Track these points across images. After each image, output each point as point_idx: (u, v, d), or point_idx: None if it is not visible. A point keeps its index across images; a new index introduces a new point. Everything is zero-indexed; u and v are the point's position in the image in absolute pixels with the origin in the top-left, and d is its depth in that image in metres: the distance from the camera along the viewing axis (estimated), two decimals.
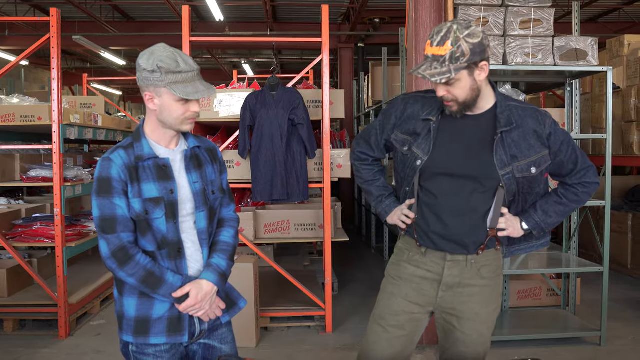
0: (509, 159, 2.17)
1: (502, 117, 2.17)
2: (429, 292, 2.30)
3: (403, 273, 2.35)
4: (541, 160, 2.21)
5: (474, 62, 2.04)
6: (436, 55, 2.03)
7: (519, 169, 2.18)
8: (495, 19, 4.25)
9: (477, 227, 2.22)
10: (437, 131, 2.22)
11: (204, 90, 2.01)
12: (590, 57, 4.31)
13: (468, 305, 2.27)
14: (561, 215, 2.32)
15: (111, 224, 2.01)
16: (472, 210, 2.21)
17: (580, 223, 4.96)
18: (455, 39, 2.01)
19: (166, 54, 1.97)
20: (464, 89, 2.08)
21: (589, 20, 12.50)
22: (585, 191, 2.31)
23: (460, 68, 2.02)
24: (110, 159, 2.03)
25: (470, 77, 2.07)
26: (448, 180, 2.21)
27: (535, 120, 2.20)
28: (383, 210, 2.47)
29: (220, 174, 2.27)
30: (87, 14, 11.17)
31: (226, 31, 12.24)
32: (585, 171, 2.29)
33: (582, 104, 6.67)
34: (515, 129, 2.17)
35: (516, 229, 2.28)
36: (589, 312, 5.14)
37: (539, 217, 2.29)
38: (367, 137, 2.50)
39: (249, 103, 4.66)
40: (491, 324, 2.33)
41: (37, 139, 6.37)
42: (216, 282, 2.10)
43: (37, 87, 16.79)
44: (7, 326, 4.89)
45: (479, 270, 2.26)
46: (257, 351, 4.44)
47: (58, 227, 4.65)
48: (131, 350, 2.13)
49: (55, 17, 4.54)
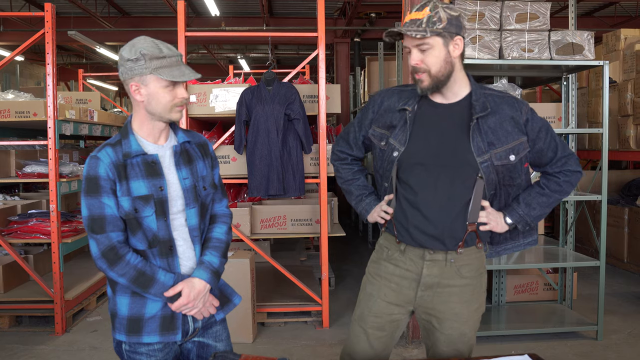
0: (486, 146, 2.13)
1: (478, 104, 2.14)
2: (408, 291, 2.25)
3: (382, 271, 2.31)
4: (519, 147, 2.17)
5: (449, 32, 2.06)
6: (414, 19, 2.06)
7: (497, 157, 2.13)
8: (492, 13, 4.24)
9: (456, 221, 2.16)
10: (413, 121, 2.19)
11: (189, 73, 1.98)
12: (587, 51, 4.30)
13: (448, 305, 2.23)
14: (545, 207, 2.26)
15: (100, 223, 1.98)
16: (450, 202, 2.15)
17: (576, 217, 4.96)
18: (434, 6, 2.06)
19: (147, 43, 1.96)
20: (438, 58, 2.08)
21: (585, 14, 12.50)
22: (567, 180, 2.26)
23: (435, 32, 2.04)
24: (97, 157, 1.99)
25: (444, 47, 2.08)
26: (425, 171, 2.16)
27: (512, 107, 2.17)
28: (363, 209, 2.44)
29: (212, 169, 2.23)
30: (82, 9, 11.12)
31: (222, 26, 12.20)
32: (566, 159, 2.25)
33: (579, 98, 6.67)
34: (491, 115, 2.14)
35: (499, 224, 2.24)
36: (586, 307, 5.15)
37: (522, 209, 2.24)
38: (345, 136, 2.48)
39: (245, 98, 4.64)
40: (474, 323, 2.29)
41: (33, 134, 6.35)
42: (208, 280, 2.08)
43: (33, 83, 16.72)
44: (3, 322, 4.88)
45: (458, 270, 2.21)
46: (253, 347, 4.44)
47: (54, 223, 4.63)
48: (124, 349, 2.10)
49: (50, 12, 4.51)
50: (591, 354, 4.26)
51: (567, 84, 4.91)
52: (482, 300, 2.31)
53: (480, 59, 4.23)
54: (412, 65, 2.11)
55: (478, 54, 4.23)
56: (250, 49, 17.28)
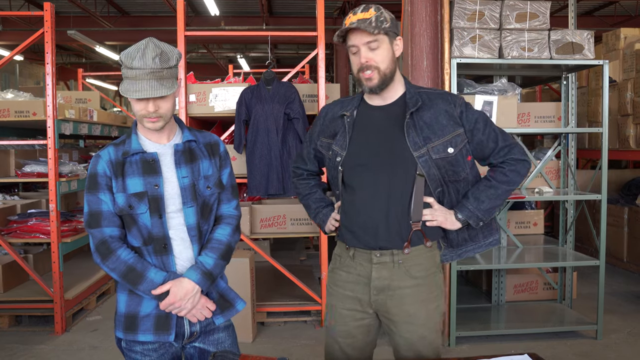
0: (422, 141, 2.13)
1: (411, 101, 2.18)
2: (363, 296, 2.22)
3: (337, 280, 2.29)
4: (457, 139, 2.16)
5: (393, 31, 2.12)
6: (362, 19, 2.07)
7: (434, 150, 2.13)
8: (491, 12, 4.24)
9: (399, 220, 2.14)
10: (353, 125, 2.21)
11: (142, 91, 1.92)
12: (586, 51, 4.30)
13: (402, 308, 2.18)
14: (494, 199, 2.22)
15: (96, 218, 2.03)
16: (391, 200, 2.14)
17: (576, 217, 4.97)
18: (378, 8, 2.11)
19: (134, 48, 1.95)
20: (386, 57, 2.12)
21: (585, 13, 12.50)
22: (513, 169, 2.22)
23: (384, 30, 2.08)
24: (99, 155, 2.07)
25: (390, 46, 2.13)
26: (367, 172, 2.16)
27: (445, 101, 2.19)
28: (320, 220, 2.43)
29: (221, 169, 2.21)
30: (81, 8, 11.12)
31: (222, 25, 12.20)
32: (509, 148, 2.22)
33: (578, 97, 6.67)
34: (425, 109, 2.16)
35: (448, 219, 2.20)
36: (585, 306, 5.15)
37: (472, 204, 2.21)
38: (301, 152, 2.50)
39: (245, 97, 4.64)
40: (433, 325, 2.23)
41: (32, 134, 6.35)
42: (198, 281, 2.04)
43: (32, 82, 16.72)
44: (3, 322, 4.88)
45: (408, 270, 2.17)
46: (253, 346, 4.44)
47: (53, 222, 4.63)
48: (122, 346, 2.13)
49: (49, 11, 4.51)
50: (591, 354, 4.26)
51: (566, 84, 4.91)
52: (439, 300, 2.26)
53: (479, 58, 4.23)
54: (362, 63, 2.11)
55: (478, 53, 4.23)
56: (250, 48, 17.28)
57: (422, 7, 4.39)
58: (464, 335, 4.43)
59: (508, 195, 2.26)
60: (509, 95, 4.44)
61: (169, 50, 1.98)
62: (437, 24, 4.38)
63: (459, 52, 4.22)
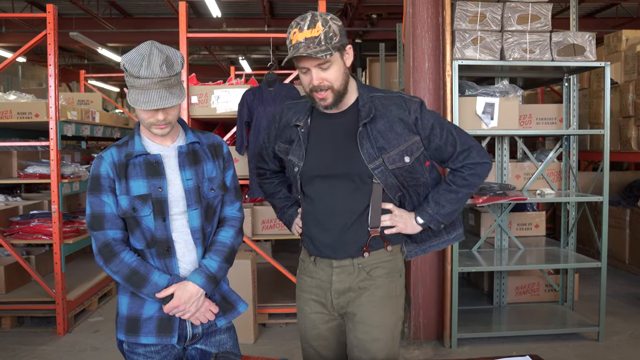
0: (377, 152, 2.08)
1: (364, 109, 2.09)
2: (326, 299, 2.22)
3: (303, 286, 2.30)
4: (413, 147, 2.11)
5: (342, 43, 2.01)
6: (310, 37, 1.94)
7: (389, 160, 2.08)
8: (493, 14, 4.25)
9: (356, 228, 2.13)
10: (307, 135, 2.17)
11: (153, 102, 1.89)
12: (588, 53, 4.31)
13: (359, 307, 2.17)
14: (455, 203, 2.19)
15: (99, 220, 2.01)
16: (348, 211, 2.12)
17: (578, 218, 4.96)
18: (324, 21, 1.97)
19: (138, 55, 1.89)
20: (339, 72, 2.02)
21: (586, 15, 12.50)
22: (473, 173, 2.18)
23: (335, 47, 1.96)
24: (101, 156, 2.05)
25: (341, 60, 2.03)
26: (323, 183, 2.15)
27: (399, 107, 2.11)
28: (286, 221, 2.44)
29: (224, 171, 2.20)
30: (84, 10, 11.15)
31: (223, 27, 12.21)
32: (467, 152, 2.17)
33: (580, 99, 6.67)
34: (378, 118, 2.09)
35: (409, 225, 2.19)
36: (587, 308, 5.14)
37: (432, 208, 2.18)
38: (260, 152, 2.46)
39: (247, 99, 4.64)
40: (389, 329, 2.20)
41: (35, 135, 6.36)
42: (202, 285, 2.04)
43: (35, 84, 16.75)
44: (5, 323, 4.89)
45: (368, 273, 2.16)
46: (255, 347, 4.45)
47: (55, 223, 4.64)
48: (124, 348, 2.12)
49: (52, 13, 4.52)
50: (593, 355, 4.26)
51: (568, 85, 4.91)
52: (397, 304, 2.23)
53: (481, 60, 4.23)
54: (314, 85, 2.02)
55: (479, 55, 4.23)
56: (252, 50, 17.28)
57: (424, 9, 4.40)
58: (465, 337, 4.43)
59: (468, 198, 2.24)
60: (510, 97, 4.44)
61: (173, 54, 1.94)
62: (439, 26, 4.39)
63: (461, 54, 4.23)
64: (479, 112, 4.35)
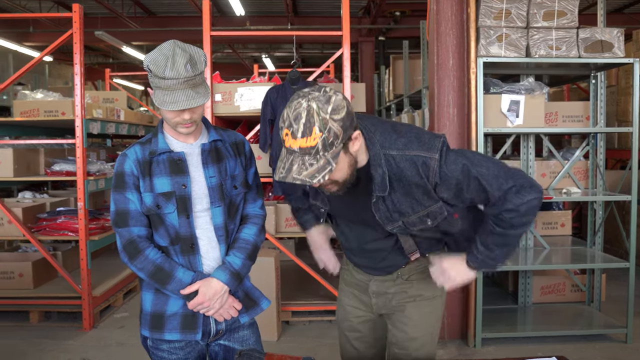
0: (396, 216, 1.93)
1: (377, 177, 1.86)
2: (364, 298, 2.24)
3: (345, 278, 2.33)
4: (436, 212, 1.93)
5: (347, 137, 1.73)
6: (305, 148, 1.66)
7: (410, 223, 1.95)
8: (518, 11, 4.20)
9: (393, 257, 2.12)
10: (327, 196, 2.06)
11: (180, 102, 1.89)
12: (616, 49, 4.23)
13: (398, 308, 2.19)
14: (504, 246, 1.94)
15: (124, 217, 2.03)
16: (379, 249, 2.11)
17: (605, 218, 4.89)
18: (323, 123, 1.65)
19: (161, 56, 1.88)
20: (343, 170, 1.78)
21: (614, 11, 12.28)
22: (518, 214, 1.85)
23: (337, 153, 1.71)
24: (125, 154, 2.06)
25: (346, 155, 1.76)
26: (350, 226, 2.14)
27: (417, 172, 1.84)
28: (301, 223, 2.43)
29: (246, 168, 2.21)
30: (109, 9, 11.27)
31: (247, 25, 12.25)
32: (504, 196, 1.84)
33: (607, 96, 6.55)
34: (393, 190, 1.89)
35: (461, 274, 1.99)
36: (614, 309, 5.06)
37: (481, 254, 1.95)
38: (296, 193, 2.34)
39: (270, 97, 4.65)
40: (426, 327, 2.19)
41: (61, 133, 6.45)
42: (226, 281, 2.06)
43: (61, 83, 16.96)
44: (33, 317, 4.97)
45: (407, 279, 2.17)
46: (278, 345, 4.46)
47: (81, 220, 4.70)
48: (148, 344, 2.15)
49: (78, 12, 4.57)
50: (620, 358, 4.19)
51: (595, 82, 4.84)
52: (436, 304, 2.22)
53: (506, 57, 4.19)
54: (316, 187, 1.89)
55: (504, 52, 4.18)
56: (275, 48, 17.32)
57: (448, 5, 4.36)
58: (489, 336, 4.39)
59: (520, 239, 1.96)
60: (536, 94, 4.39)
61: (196, 53, 1.93)
62: (463, 23, 4.35)
63: (485, 51, 4.18)
64: (504, 109, 4.30)
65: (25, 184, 6.74)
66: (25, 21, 12.39)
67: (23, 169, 4.96)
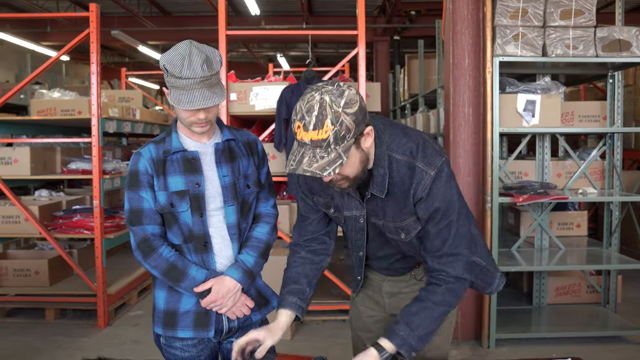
0: (381, 214, 1.94)
1: (378, 175, 1.85)
2: (378, 298, 2.23)
3: None
4: (409, 227, 1.92)
5: (359, 132, 1.72)
6: (316, 141, 1.66)
7: (387, 228, 1.95)
8: (535, 10, 4.17)
9: (404, 260, 2.11)
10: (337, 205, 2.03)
11: (196, 101, 1.89)
12: (635, 48, 4.19)
13: None
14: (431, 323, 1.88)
15: (137, 216, 2.04)
16: (389, 255, 2.11)
17: (621, 219, 4.84)
18: (335, 116, 1.65)
19: (178, 55, 1.89)
20: (354, 165, 1.76)
21: (632, 9, 12.14)
22: (451, 288, 1.87)
23: (348, 147, 1.70)
24: (140, 153, 2.07)
25: (357, 150, 1.75)
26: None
27: (411, 180, 1.84)
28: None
29: (259, 168, 2.22)
30: (125, 9, 11.34)
31: (262, 25, 12.27)
32: (454, 258, 1.87)
33: (625, 96, 6.50)
34: (388, 195, 1.88)
35: None
36: (631, 311, 5.01)
37: (404, 330, 1.86)
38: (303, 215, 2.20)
39: (285, 96, 4.66)
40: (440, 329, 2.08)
41: (77, 132, 6.51)
42: (239, 279, 2.07)
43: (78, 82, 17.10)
44: (49, 315, 5.02)
45: (420, 280, 2.14)
46: (291, 344, 4.46)
47: (97, 218, 4.74)
48: (161, 342, 2.16)
49: (95, 12, 4.60)
50: None
51: (612, 82, 4.79)
52: None
53: (522, 56, 4.16)
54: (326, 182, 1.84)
55: (520, 51, 4.16)
56: (290, 47, 17.33)
57: (464, 4, 4.34)
58: (504, 337, 4.37)
59: (443, 319, 1.93)
60: (552, 94, 4.35)
61: (211, 53, 1.94)
62: (479, 22, 4.33)
63: (502, 50, 4.16)
64: (520, 109, 4.27)
65: (41, 182, 6.81)
66: (43, 21, 12.51)
67: (40, 168, 5.01)
